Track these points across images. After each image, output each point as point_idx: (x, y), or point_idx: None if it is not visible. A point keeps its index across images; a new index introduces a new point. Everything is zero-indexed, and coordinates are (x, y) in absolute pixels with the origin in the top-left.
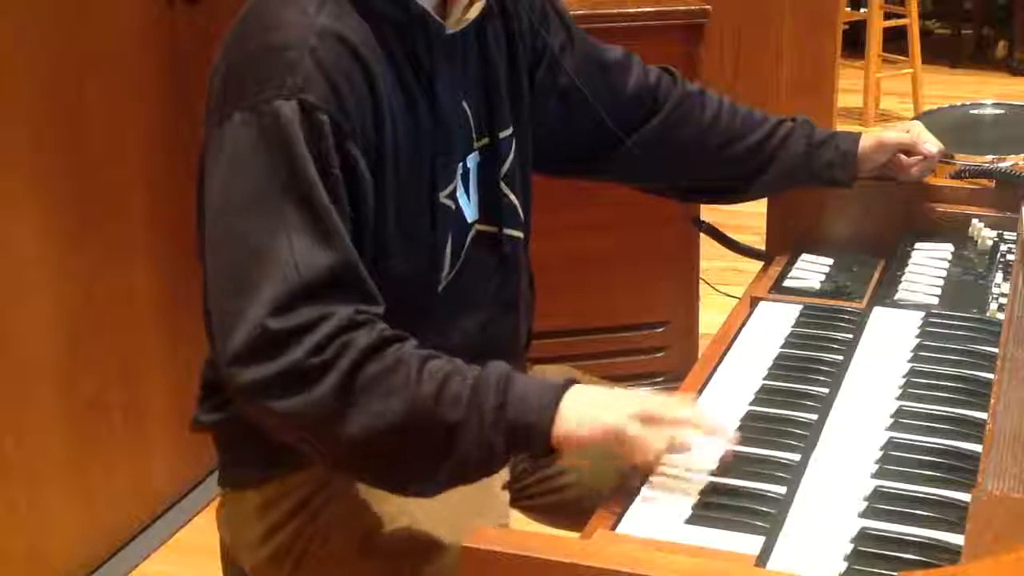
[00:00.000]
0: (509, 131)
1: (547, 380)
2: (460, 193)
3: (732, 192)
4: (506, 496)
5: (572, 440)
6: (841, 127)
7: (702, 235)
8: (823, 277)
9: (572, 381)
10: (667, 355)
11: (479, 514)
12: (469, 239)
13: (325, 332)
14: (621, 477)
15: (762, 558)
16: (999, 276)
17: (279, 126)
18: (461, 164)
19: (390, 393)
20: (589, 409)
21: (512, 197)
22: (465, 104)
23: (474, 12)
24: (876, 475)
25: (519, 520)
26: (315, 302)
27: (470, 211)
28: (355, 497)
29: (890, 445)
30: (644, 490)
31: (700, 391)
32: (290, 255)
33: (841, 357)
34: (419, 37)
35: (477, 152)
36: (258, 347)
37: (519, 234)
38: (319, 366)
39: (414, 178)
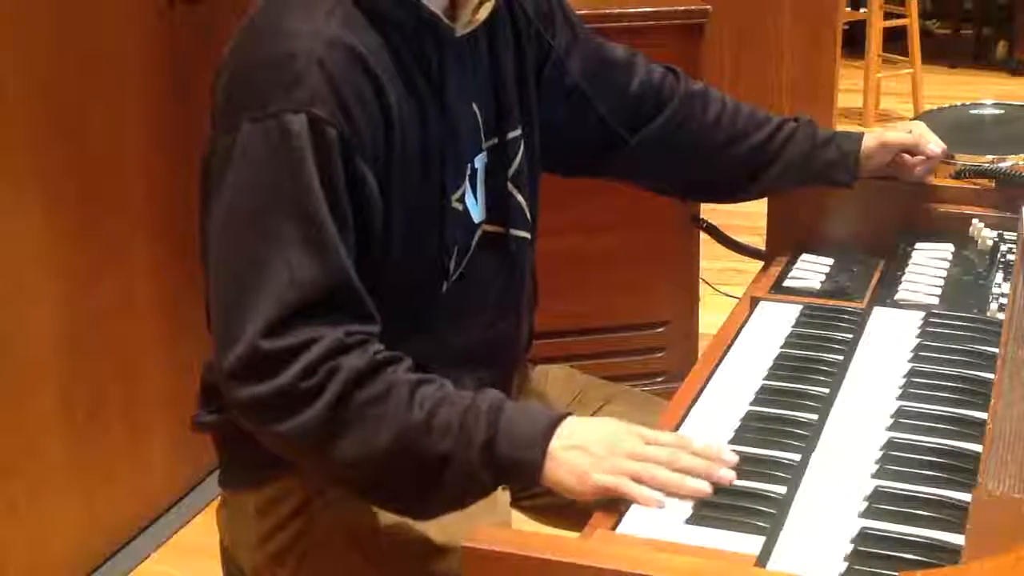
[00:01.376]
0: (518, 131)
1: (539, 413)
2: (467, 194)
3: (734, 191)
4: (506, 496)
5: (560, 487)
6: (841, 127)
7: (702, 235)
8: (823, 277)
9: (563, 416)
10: (667, 355)
11: (480, 514)
12: (475, 240)
13: (315, 355)
14: None
15: (762, 558)
16: (999, 276)
17: (287, 140)
18: (469, 165)
19: (379, 421)
20: (579, 457)
21: (519, 198)
22: (475, 106)
23: (483, 14)
24: (876, 475)
25: (519, 520)
26: (307, 323)
27: (477, 212)
28: (355, 499)
29: (890, 445)
30: None
31: (700, 391)
32: (287, 273)
33: (841, 357)
34: (429, 41)
35: (485, 153)
36: (251, 367)
37: (525, 234)
38: (308, 391)
39: (423, 183)
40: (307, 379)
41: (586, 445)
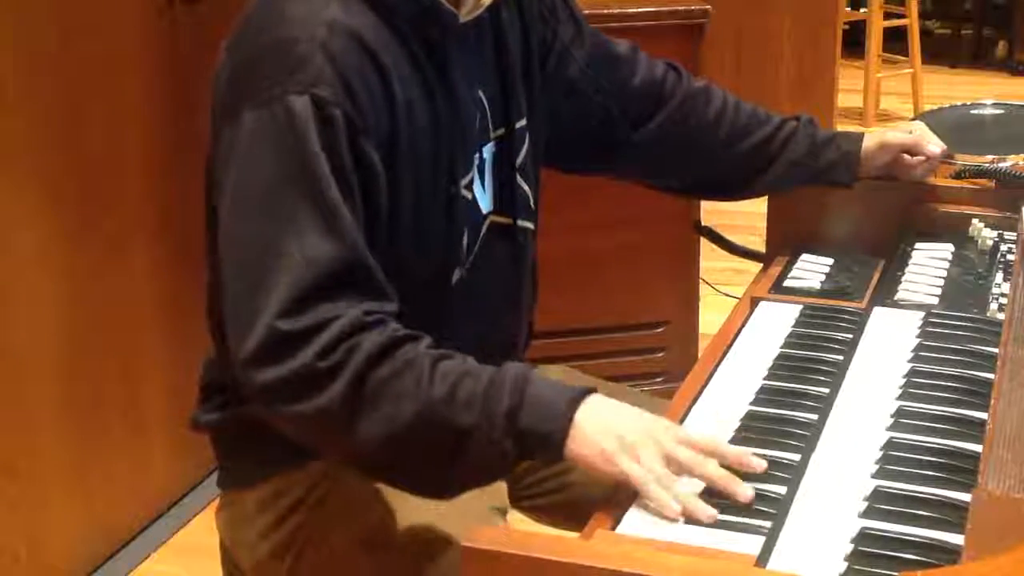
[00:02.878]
0: (524, 121)
1: (565, 386)
2: (476, 184)
3: (734, 189)
4: (504, 485)
5: (583, 464)
6: (841, 127)
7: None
8: (823, 277)
9: (590, 390)
10: (667, 355)
11: (476, 501)
12: (484, 230)
13: (334, 334)
14: None
15: (762, 558)
16: (999, 276)
17: (292, 122)
18: (477, 155)
19: (401, 396)
20: (607, 440)
21: (526, 188)
22: (482, 93)
23: (486, 3)
24: (876, 475)
25: (519, 520)
26: (324, 302)
27: (485, 202)
28: (353, 493)
29: (890, 445)
30: None
31: (700, 391)
32: (300, 254)
33: (841, 357)
34: (432, 27)
35: (493, 142)
36: (269, 349)
37: (531, 225)
38: (328, 369)
39: (432, 170)
40: (326, 358)
41: (616, 427)
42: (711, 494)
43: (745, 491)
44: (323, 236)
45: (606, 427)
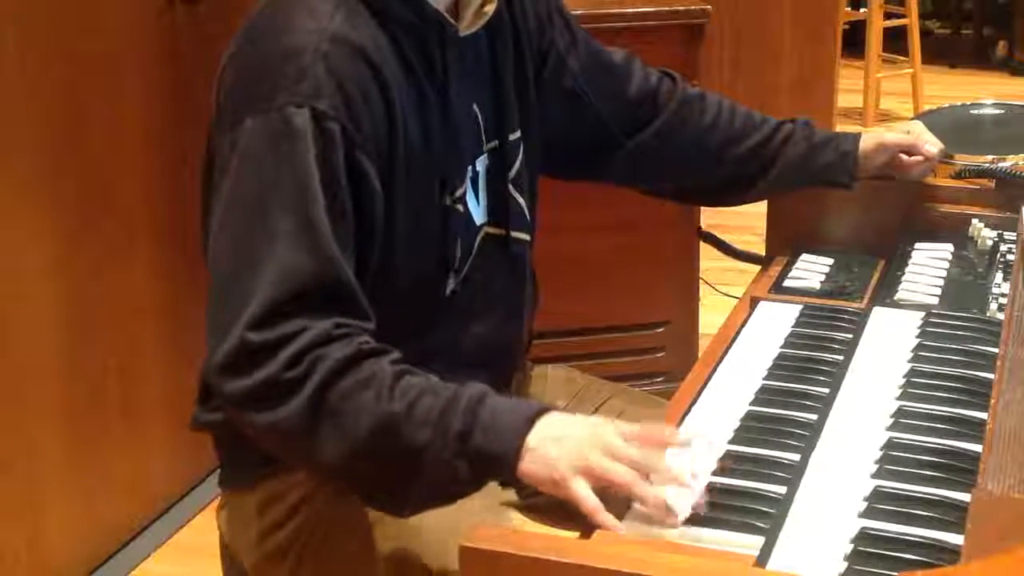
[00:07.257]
0: (517, 134)
1: (521, 406)
2: (469, 196)
3: (733, 194)
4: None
5: (533, 481)
6: (841, 127)
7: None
8: (823, 277)
9: (545, 409)
10: (667, 355)
11: (481, 506)
12: (477, 242)
13: (301, 346)
14: None
15: (762, 558)
16: (999, 276)
17: (289, 134)
18: (470, 167)
19: (359, 410)
20: (553, 448)
21: (520, 200)
22: (475, 107)
23: (486, 14)
24: (876, 475)
25: (519, 520)
26: (295, 315)
27: (479, 214)
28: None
29: (890, 445)
30: None
31: (700, 391)
32: (278, 267)
33: (841, 357)
34: (432, 40)
35: (486, 155)
36: (239, 359)
37: (526, 236)
38: (292, 380)
39: (425, 182)
40: (291, 369)
41: (562, 437)
42: (709, 492)
43: (674, 522)
44: (301, 250)
45: (557, 447)
